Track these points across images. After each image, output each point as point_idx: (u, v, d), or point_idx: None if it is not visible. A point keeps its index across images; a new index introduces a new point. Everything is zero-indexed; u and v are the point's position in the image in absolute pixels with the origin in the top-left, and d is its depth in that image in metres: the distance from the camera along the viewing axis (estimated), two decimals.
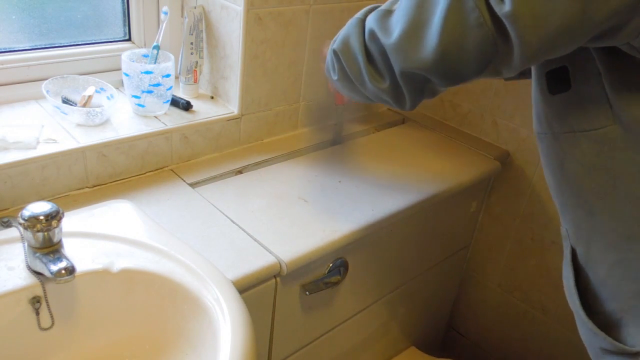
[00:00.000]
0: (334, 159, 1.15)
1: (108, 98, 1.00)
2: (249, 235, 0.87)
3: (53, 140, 0.89)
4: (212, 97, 1.13)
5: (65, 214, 0.67)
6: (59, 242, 0.67)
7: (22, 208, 0.65)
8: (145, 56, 1.03)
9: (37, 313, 0.68)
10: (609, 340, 0.67)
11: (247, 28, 1.00)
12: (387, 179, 1.09)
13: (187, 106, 1.05)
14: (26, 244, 0.67)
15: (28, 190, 0.86)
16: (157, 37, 1.01)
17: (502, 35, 0.55)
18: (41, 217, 0.64)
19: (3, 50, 0.96)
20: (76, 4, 1.03)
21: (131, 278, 0.71)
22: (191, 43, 1.06)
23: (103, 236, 0.75)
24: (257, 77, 1.08)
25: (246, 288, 0.80)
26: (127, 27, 1.11)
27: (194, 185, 0.99)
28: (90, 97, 0.96)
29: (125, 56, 0.99)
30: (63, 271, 0.63)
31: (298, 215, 0.94)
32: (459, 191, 1.15)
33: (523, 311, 1.41)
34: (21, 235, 0.67)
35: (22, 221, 0.64)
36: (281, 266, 0.83)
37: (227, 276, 0.76)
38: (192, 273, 0.71)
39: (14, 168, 0.83)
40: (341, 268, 0.97)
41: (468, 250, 1.45)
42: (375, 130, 1.32)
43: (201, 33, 1.07)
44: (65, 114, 0.95)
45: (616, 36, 0.55)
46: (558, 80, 0.65)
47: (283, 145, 1.16)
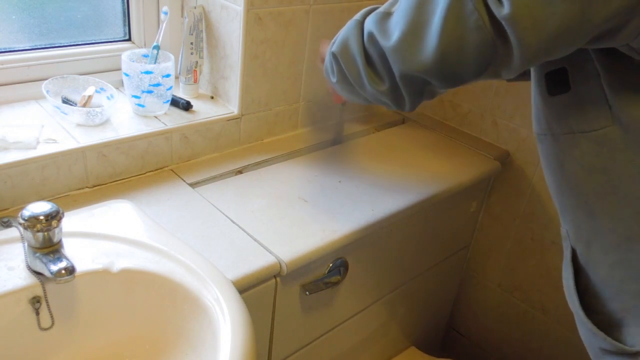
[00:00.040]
0: (334, 159, 1.15)
1: (108, 98, 1.00)
2: (249, 235, 0.88)
3: (53, 140, 0.89)
4: (212, 97, 1.13)
5: (65, 214, 0.67)
6: (59, 242, 0.67)
7: (22, 208, 0.65)
8: (145, 56, 1.03)
9: (37, 313, 0.68)
10: (609, 340, 0.67)
11: (247, 28, 1.00)
12: (387, 179, 1.09)
13: (187, 106, 1.05)
14: (26, 244, 0.67)
15: (28, 190, 0.86)
16: (157, 37, 1.01)
17: (501, 37, 0.55)
18: (41, 217, 0.64)
19: (3, 50, 0.96)
20: (76, 4, 1.03)
21: (131, 278, 0.71)
22: (191, 43, 1.06)
23: (103, 236, 0.75)
24: (257, 77, 1.08)
25: (246, 288, 0.80)
26: (127, 27, 1.11)
27: (194, 185, 0.99)
28: (90, 97, 0.96)
29: (125, 56, 0.99)
30: (63, 271, 0.63)
31: (298, 215, 0.94)
32: (459, 191, 1.15)
33: (523, 311, 1.41)
34: (21, 235, 0.67)
35: (22, 221, 0.64)
36: (281, 266, 0.83)
37: (227, 276, 0.76)
38: (192, 273, 0.71)
39: (14, 168, 0.83)
40: (341, 268, 0.97)
41: (468, 250, 1.45)
42: (375, 130, 1.32)
43: (201, 33, 1.07)
44: (65, 114, 0.95)
45: (615, 37, 0.55)
46: (557, 81, 0.65)
47: (283, 145, 1.16)
